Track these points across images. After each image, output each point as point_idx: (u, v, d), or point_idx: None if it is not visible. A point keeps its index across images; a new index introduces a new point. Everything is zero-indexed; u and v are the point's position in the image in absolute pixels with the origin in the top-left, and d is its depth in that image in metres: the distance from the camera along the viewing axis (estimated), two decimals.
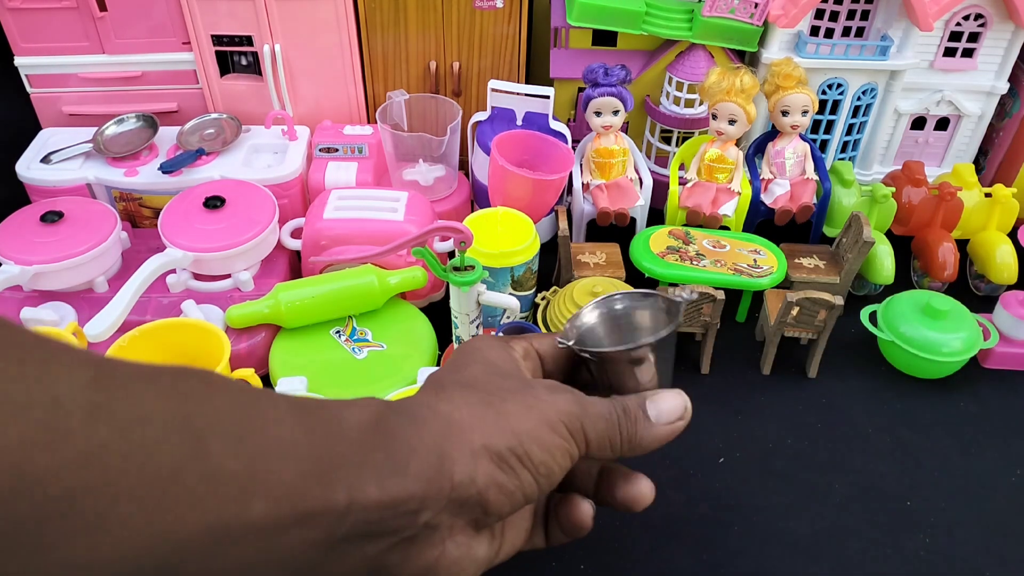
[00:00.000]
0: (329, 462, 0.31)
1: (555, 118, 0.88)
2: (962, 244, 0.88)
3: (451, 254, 0.71)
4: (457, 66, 0.91)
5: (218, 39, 0.87)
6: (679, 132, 0.92)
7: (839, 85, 0.88)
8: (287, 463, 0.30)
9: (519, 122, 0.89)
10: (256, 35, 0.86)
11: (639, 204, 0.87)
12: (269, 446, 0.30)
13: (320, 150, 0.87)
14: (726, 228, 0.87)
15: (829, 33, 0.88)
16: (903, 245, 0.90)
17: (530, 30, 0.92)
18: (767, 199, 0.86)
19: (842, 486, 0.68)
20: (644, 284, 0.80)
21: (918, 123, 0.93)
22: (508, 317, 0.77)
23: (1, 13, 0.84)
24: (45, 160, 0.84)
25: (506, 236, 0.76)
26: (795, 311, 0.74)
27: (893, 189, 0.84)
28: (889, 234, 0.87)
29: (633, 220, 0.88)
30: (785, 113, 0.83)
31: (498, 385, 0.39)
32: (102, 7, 0.85)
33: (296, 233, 0.82)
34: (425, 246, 0.66)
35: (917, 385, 0.77)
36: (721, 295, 0.73)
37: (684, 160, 0.89)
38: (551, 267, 0.85)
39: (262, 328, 0.75)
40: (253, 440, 0.29)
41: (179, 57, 0.89)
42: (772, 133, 0.87)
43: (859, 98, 0.89)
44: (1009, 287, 0.84)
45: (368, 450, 0.33)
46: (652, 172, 0.90)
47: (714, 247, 0.81)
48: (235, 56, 0.90)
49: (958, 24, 0.85)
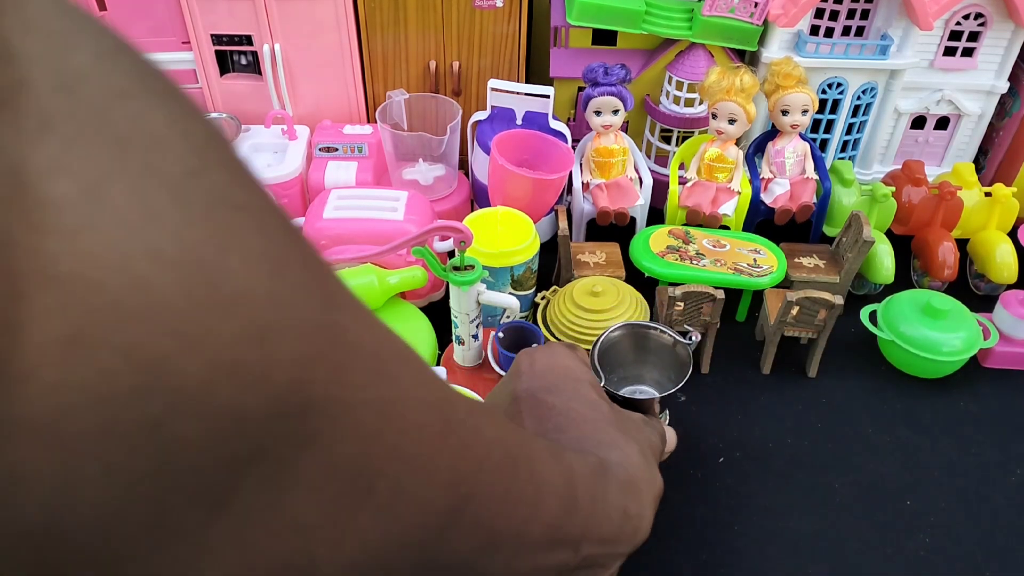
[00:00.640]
0: (573, 500, 0.35)
1: (555, 117, 0.88)
2: (962, 243, 0.88)
3: (451, 254, 0.71)
4: (457, 66, 0.91)
5: (218, 38, 0.87)
6: (679, 131, 0.92)
7: (839, 84, 0.88)
8: (552, 496, 0.33)
9: (519, 122, 0.89)
10: (256, 34, 0.86)
11: (639, 203, 0.87)
12: (545, 477, 0.33)
13: (320, 150, 0.87)
14: (726, 227, 0.87)
15: (829, 32, 0.87)
16: (903, 244, 0.89)
17: (530, 29, 0.91)
18: (767, 198, 0.86)
19: (842, 486, 0.68)
20: (644, 283, 0.80)
21: (918, 122, 0.93)
22: (508, 317, 0.77)
23: None
24: None
25: (506, 236, 0.76)
26: (795, 311, 0.74)
27: (893, 188, 0.84)
28: (889, 233, 0.87)
29: (633, 219, 0.87)
30: (785, 112, 0.83)
31: (628, 424, 0.45)
32: (102, 7, 0.85)
33: None
34: (425, 246, 0.66)
35: (917, 385, 0.77)
36: (721, 295, 0.73)
37: (684, 159, 0.89)
38: (551, 267, 0.85)
39: None
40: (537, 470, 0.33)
41: (179, 56, 0.89)
42: (772, 132, 0.87)
43: (859, 97, 0.89)
44: (1009, 286, 0.84)
45: (596, 498, 0.37)
46: (652, 171, 0.90)
47: (714, 246, 0.81)
48: (235, 56, 0.90)
49: (958, 23, 0.85)
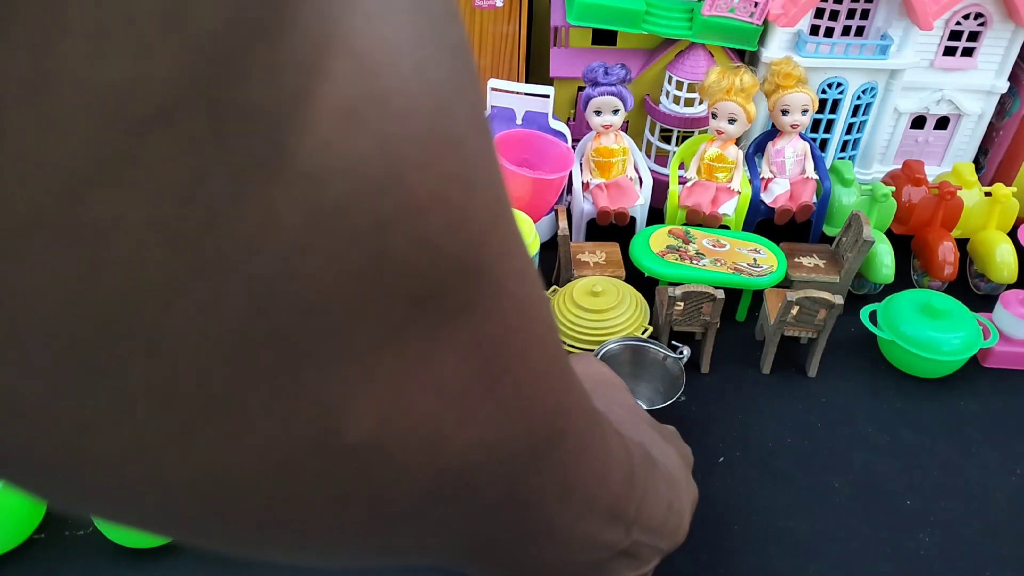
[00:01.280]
0: (631, 478, 0.33)
1: (555, 117, 0.88)
2: (962, 243, 0.88)
3: None
4: None
5: None
6: (679, 131, 0.92)
7: (839, 84, 0.88)
8: (617, 467, 0.32)
9: (519, 121, 0.89)
10: None
11: (639, 203, 0.86)
12: (611, 447, 0.32)
13: None
14: (726, 227, 0.87)
15: (829, 32, 0.87)
16: (903, 244, 0.89)
17: (530, 29, 0.91)
18: (767, 198, 0.86)
19: (842, 486, 0.68)
20: (644, 283, 0.80)
21: (918, 122, 0.93)
22: None
23: None
24: None
25: None
26: (795, 310, 0.74)
27: (893, 188, 0.84)
28: (889, 233, 0.87)
29: (633, 219, 0.87)
30: (785, 112, 0.83)
31: (663, 431, 0.45)
32: None
33: None
34: None
35: (917, 385, 0.77)
36: (721, 294, 0.73)
37: (684, 159, 0.89)
38: (551, 266, 0.85)
39: None
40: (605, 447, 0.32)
41: None
42: (772, 132, 0.87)
43: (859, 97, 0.89)
44: (1009, 286, 0.84)
45: (647, 486, 0.35)
46: (652, 171, 0.90)
47: (714, 246, 0.81)
48: None
49: (958, 23, 0.85)
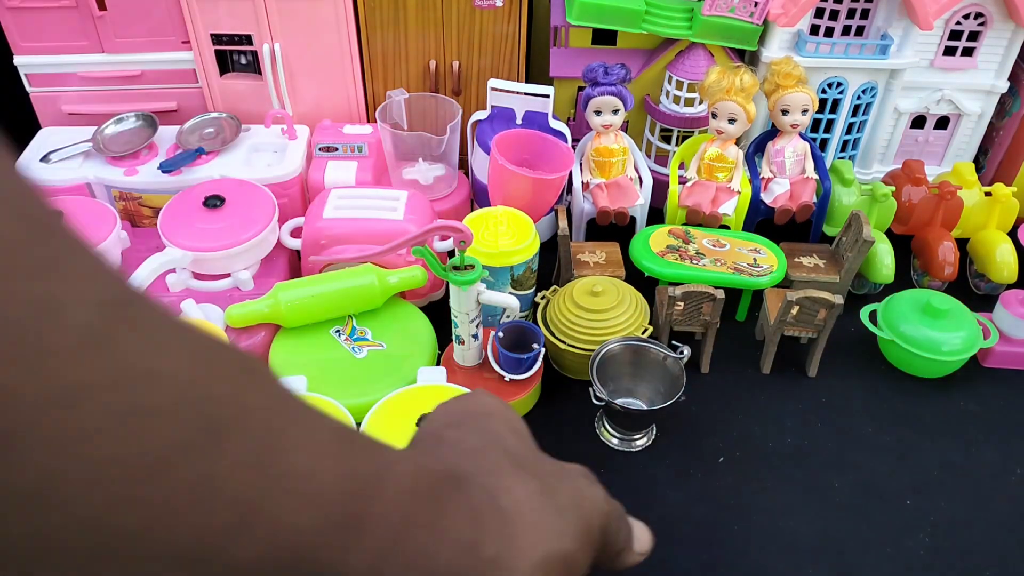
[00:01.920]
0: (357, 518, 0.24)
1: (555, 117, 0.88)
2: (962, 243, 0.88)
3: (451, 253, 0.71)
4: (457, 65, 0.91)
5: (218, 38, 0.87)
6: (679, 131, 0.92)
7: (839, 84, 0.88)
8: (304, 503, 0.23)
9: (519, 121, 0.89)
10: (256, 34, 0.86)
11: (639, 203, 0.86)
12: (292, 472, 0.23)
13: (320, 149, 0.87)
14: (726, 227, 0.87)
15: (829, 32, 0.87)
16: (903, 244, 0.89)
17: (530, 29, 0.91)
18: (767, 198, 0.86)
19: (842, 486, 0.68)
20: (644, 283, 0.80)
21: (918, 122, 0.93)
22: (508, 316, 0.77)
23: (1, 13, 0.84)
24: (44, 159, 0.84)
25: (506, 235, 0.76)
26: (795, 310, 0.74)
27: (893, 188, 0.84)
28: (889, 233, 0.87)
29: (633, 219, 0.87)
30: (785, 112, 0.83)
31: (540, 466, 0.33)
32: (102, 6, 0.85)
33: (296, 232, 0.82)
34: (425, 245, 0.66)
35: (917, 385, 0.77)
36: (721, 294, 0.73)
37: (684, 159, 0.89)
38: (551, 266, 0.85)
39: (262, 328, 0.75)
40: (276, 460, 0.23)
41: (179, 56, 0.88)
42: (772, 132, 0.87)
43: (859, 97, 0.89)
44: (1009, 286, 0.84)
45: (410, 521, 0.26)
46: (652, 171, 0.90)
47: (714, 246, 0.81)
48: (235, 55, 0.89)
49: (958, 23, 0.85)
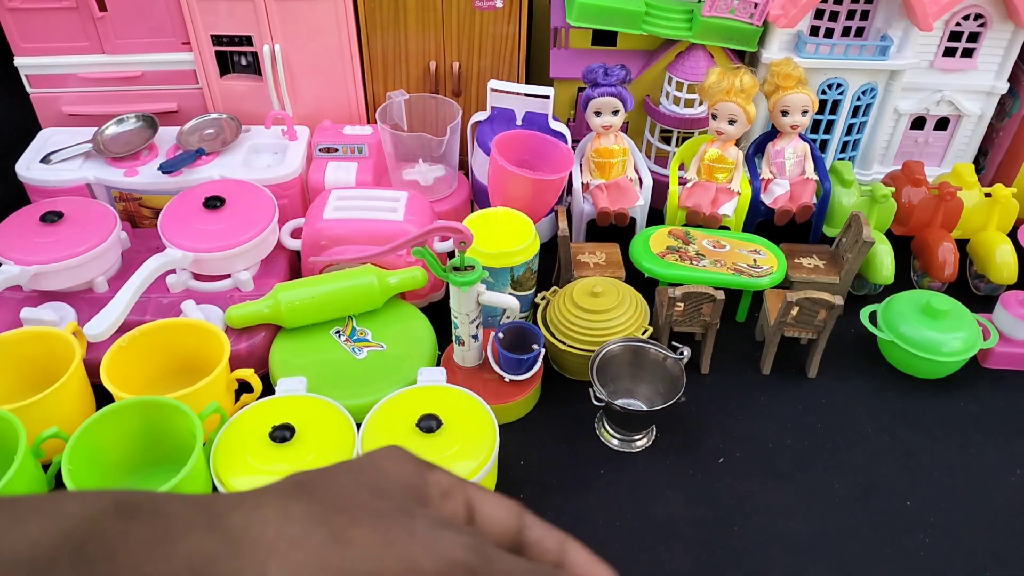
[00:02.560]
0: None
1: (555, 118, 0.88)
2: (962, 244, 0.88)
3: (451, 254, 0.71)
4: (457, 66, 0.91)
5: (218, 39, 0.87)
6: (679, 132, 0.92)
7: (839, 85, 0.88)
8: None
9: (519, 122, 0.89)
10: (256, 35, 0.86)
11: (639, 204, 0.87)
12: None
13: (320, 150, 0.87)
14: (726, 228, 0.87)
15: (829, 33, 0.88)
16: (903, 245, 0.89)
17: (530, 30, 0.91)
18: (767, 199, 0.86)
19: (842, 486, 0.68)
20: (644, 284, 0.80)
21: (918, 123, 0.93)
22: (508, 317, 0.77)
23: (1, 13, 0.84)
24: (45, 160, 0.84)
25: (506, 236, 0.76)
26: (795, 311, 0.74)
27: (893, 189, 0.84)
28: (889, 234, 0.87)
29: (633, 220, 0.88)
30: (785, 113, 0.83)
31: (363, 501, 0.25)
32: (102, 7, 0.85)
33: (296, 233, 0.82)
34: (425, 246, 0.66)
35: (917, 385, 0.77)
36: (721, 295, 0.73)
37: (684, 160, 0.89)
38: (551, 267, 0.85)
39: (262, 328, 0.75)
40: None
41: (179, 57, 0.89)
42: (772, 133, 0.87)
43: (859, 98, 0.89)
44: (1009, 287, 0.84)
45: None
46: (652, 172, 0.90)
47: (714, 247, 0.81)
48: (235, 56, 0.90)
49: (958, 24, 0.85)
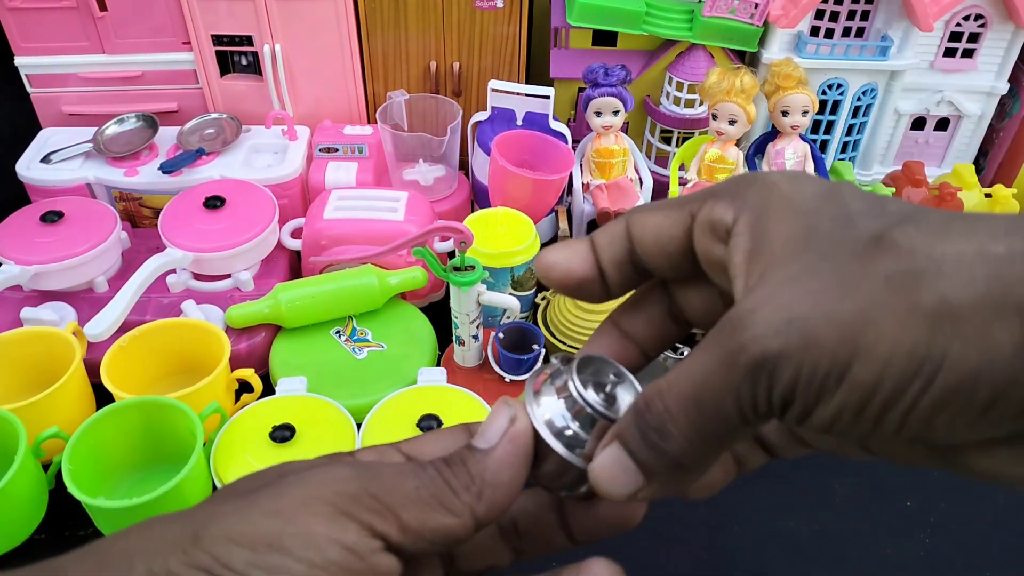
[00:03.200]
0: None
1: (555, 118, 0.88)
2: None
3: (451, 254, 0.71)
4: (457, 66, 0.91)
5: (218, 39, 0.87)
6: (679, 132, 0.92)
7: (839, 85, 0.88)
8: None
9: (519, 122, 0.89)
10: (256, 35, 0.86)
11: (639, 204, 0.86)
12: None
13: (320, 150, 0.87)
14: None
15: (829, 33, 0.88)
16: None
17: (530, 30, 0.91)
18: None
19: (842, 486, 0.68)
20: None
21: (918, 123, 0.93)
22: (508, 317, 0.77)
23: (1, 13, 0.84)
24: (45, 160, 0.84)
25: (506, 236, 0.76)
26: None
27: (893, 189, 0.84)
28: None
29: None
30: (785, 113, 0.83)
31: (279, 472, 0.27)
32: (102, 7, 0.85)
33: (296, 233, 0.82)
34: (425, 246, 0.66)
35: None
36: None
37: (684, 160, 0.89)
38: None
39: (262, 328, 0.75)
40: None
41: (179, 57, 0.89)
42: (772, 133, 0.87)
43: (859, 98, 0.89)
44: None
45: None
46: (652, 172, 0.90)
47: None
48: (235, 56, 0.90)
49: (958, 24, 0.85)
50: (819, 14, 0.86)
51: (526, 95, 0.88)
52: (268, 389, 0.71)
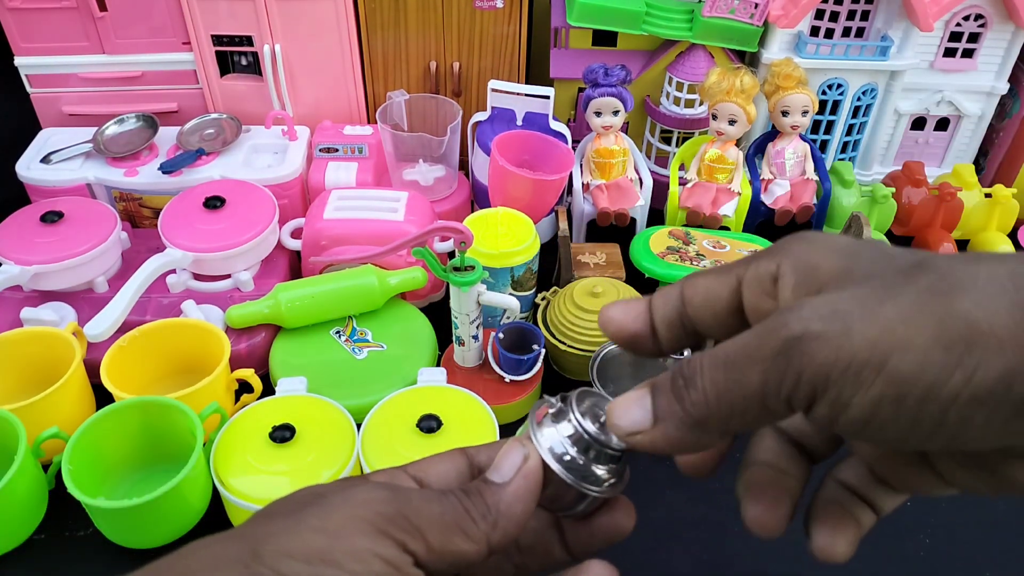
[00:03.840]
0: None
1: (555, 118, 0.88)
2: (962, 244, 0.88)
3: (451, 254, 0.71)
4: (457, 66, 0.91)
5: (218, 39, 0.87)
6: (679, 132, 0.92)
7: (839, 85, 0.88)
8: None
9: (519, 122, 0.89)
10: (256, 35, 0.86)
11: (639, 204, 0.87)
12: None
13: (320, 150, 0.87)
14: (726, 228, 0.87)
15: (829, 33, 0.88)
16: (903, 245, 0.89)
17: (530, 30, 0.91)
18: (767, 199, 0.86)
19: None
20: (644, 284, 0.80)
21: (918, 123, 0.93)
22: (508, 317, 0.77)
23: (1, 13, 0.84)
24: (45, 160, 0.84)
25: (506, 236, 0.76)
26: None
27: (893, 189, 0.84)
28: (889, 234, 0.87)
29: (633, 220, 0.88)
30: (785, 113, 0.83)
31: (313, 493, 0.30)
32: (102, 7, 0.85)
33: (296, 233, 0.82)
34: (425, 246, 0.66)
35: None
36: None
37: (684, 160, 0.89)
38: (551, 267, 0.85)
39: (262, 328, 0.75)
40: None
41: (179, 57, 0.89)
42: (772, 133, 0.87)
43: (859, 98, 0.89)
44: None
45: None
46: (652, 172, 0.90)
47: (714, 247, 0.81)
48: (235, 56, 0.90)
49: (958, 24, 0.85)
50: (819, 14, 0.86)
51: (526, 95, 0.88)
52: (268, 389, 0.71)
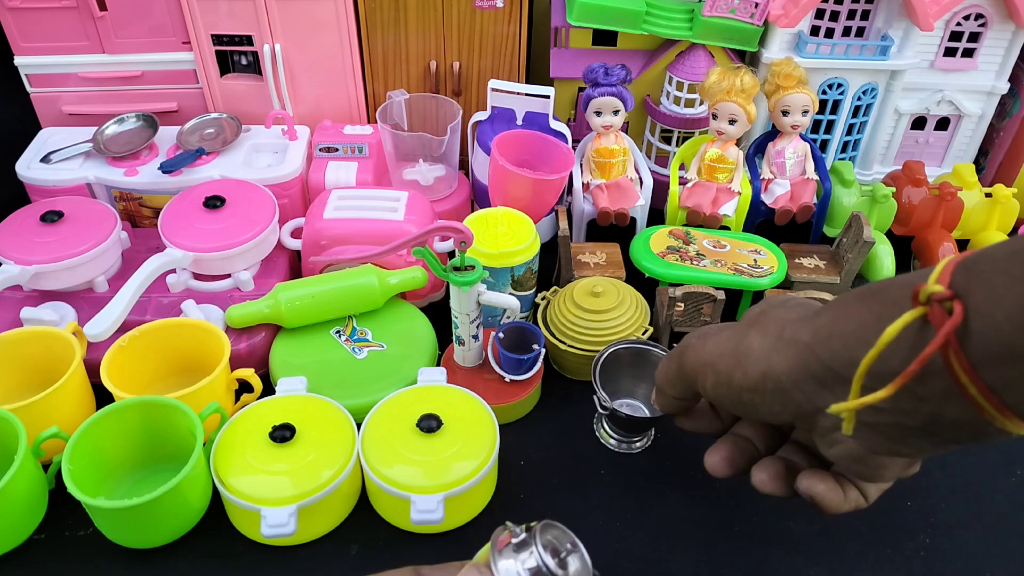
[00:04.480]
0: None
1: (555, 118, 0.88)
2: (962, 244, 0.88)
3: (451, 254, 0.71)
4: (457, 66, 0.91)
5: (218, 39, 0.87)
6: (679, 132, 0.92)
7: (839, 85, 0.88)
8: None
9: (519, 122, 0.89)
10: (256, 35, 0.86)
11: (639, 204, 0.87)
12: None
13: (320, 150, 0.87)
14: (726, 228, 0.87)
15: (829, 33, 0.88)
16: (903, 245, 0.89)
17: (530, 30, 0.91)
18: (767, 199, 0.86)
19: None
20: (644, 284, 0.80)
21: (918, 123, 0.93)
22: (508, 317, 0.77)
23: (1, 13, 0.84)
24: (45, 160, 0.84)
25: (506, 236, 0.76)
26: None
27: (893, 189, 0.84)
28: (889, 234, 0.87)
29: (633, 220, 0.88)
30: (785, 113, 0.83)
31: None
32: (102, 7, 0.85)
33: (296, 233, 0.82)
34: (425, 246, 0.66)
35: None
36: (721, 295, 0.73)
37: (684, 160, 0.89)
38: (551, 267, 0.85)
39: (262, 328, 0.75)
40: None
41: (179, 57, 0.89)
42: (772, 133, 0.87)
43: (859, 98, 0.89)
44: None
45: None
46: (652, 172, 0.90)
47: (714, 247, 0.81)
48: (235, 56, 0.90)
49: (958, 24, 0.85)
50: (819, 14, 0.86)
51: (526, 95, 0.88)
52: (268, 389, 0.71)
